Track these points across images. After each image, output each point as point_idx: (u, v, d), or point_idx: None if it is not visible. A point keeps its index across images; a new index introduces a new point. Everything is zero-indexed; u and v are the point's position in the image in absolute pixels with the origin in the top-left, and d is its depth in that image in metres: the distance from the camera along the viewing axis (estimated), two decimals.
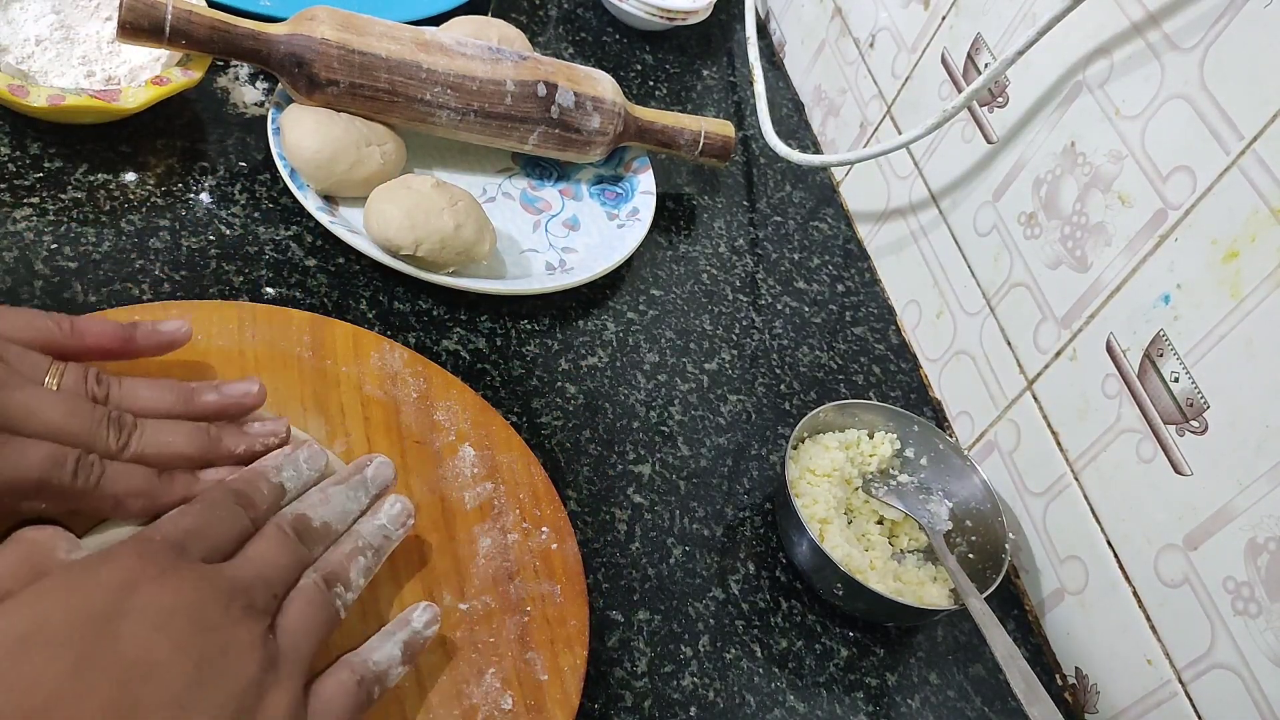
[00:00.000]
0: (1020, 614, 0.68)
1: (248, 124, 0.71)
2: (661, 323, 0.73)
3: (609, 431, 0.65)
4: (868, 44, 0.87)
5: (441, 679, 0.47)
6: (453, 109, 0.70)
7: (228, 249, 0.63)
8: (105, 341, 0.47)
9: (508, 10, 0.91)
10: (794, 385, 0.74)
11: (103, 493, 0.42)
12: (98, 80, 0.66)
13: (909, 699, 0.61)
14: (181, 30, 0.62)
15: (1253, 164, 0.54)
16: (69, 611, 0.36)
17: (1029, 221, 0.69)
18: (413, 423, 0.56)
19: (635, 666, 0.56)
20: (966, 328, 0.75)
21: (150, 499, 0.43)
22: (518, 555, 0.53)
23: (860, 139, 0.88)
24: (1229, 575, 0.54)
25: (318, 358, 0.57)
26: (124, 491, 0.42)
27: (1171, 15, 0.58)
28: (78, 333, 0.46)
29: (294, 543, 0.43)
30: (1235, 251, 0.55)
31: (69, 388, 0.43)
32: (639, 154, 0.81)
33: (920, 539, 0.66)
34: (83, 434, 0.42)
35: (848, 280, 0.83)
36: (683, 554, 0.62)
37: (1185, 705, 0.57)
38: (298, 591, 0.42)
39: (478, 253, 0.66)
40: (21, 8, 0.66)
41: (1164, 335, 0.58)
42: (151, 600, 0.37)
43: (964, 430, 0.75)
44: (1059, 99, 0.66)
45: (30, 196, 0.60)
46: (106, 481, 0.42)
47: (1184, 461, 0.57)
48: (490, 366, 0.65)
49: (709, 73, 0.96)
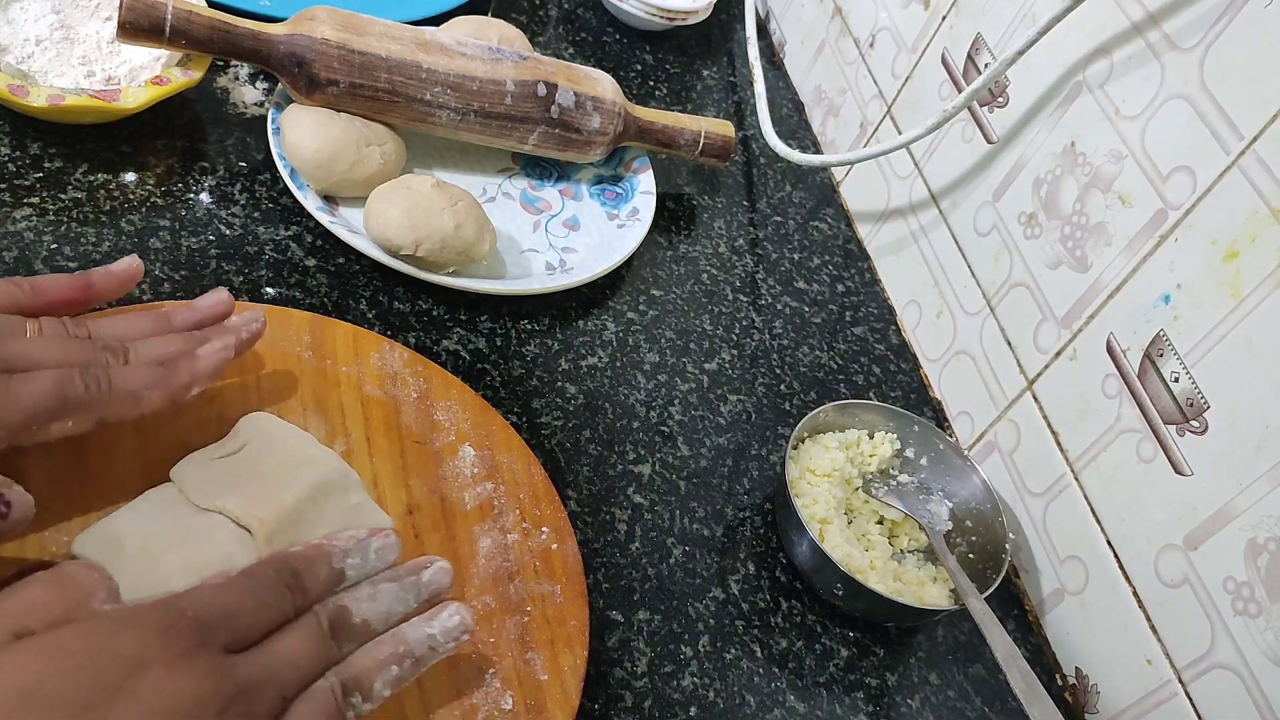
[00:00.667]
0: (1020, 614, 0.68)
1: (248, 124, 0.71)
2: (661, 323, 0.73)
3: (609, 431, 0.65)
4: (868, 44, 0.87)
5: (441, 679, 0.47)
6: (453, 109, 0.70)
7: (228, 249, 0.63)
8: (66, 293, 0.47)
9: (508, 10, 0.91)
10: (794, 385, 0.74)
11: (118, 393, 0.44)
12: (98, 80, 0.66)
13: (909, 699, 0.61)
14: (181, 30, 0.62)
15: (1253, 164, 0.54)
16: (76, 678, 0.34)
17: (1029, 221, 0.69)
18: (413, 423, 0.56)
19: (635, 666, 0.56)
20: (966, 328, 0.75)
21: (165, 388, 0.46)
22: (518, 555, 0.53)
23: (860, 139, 0.88)
24: (1229, 575, 0.54)
25: (318, 358, 0.57)
26: (138, 386, 0.44)
27: (1171, 15, 0.58)
28: (39, 290, 0.47)
29: (324, 640, 0.40)
30: (1235, 251, 0.55)
31: (52, 334, 0.45)
32: (639, 154, 0.81)
33: (920, 539, 0.66)
34: (81, 361, 0.44)
35: (848, 280, 0.83)
36: (683, 554, 0.62)
37: (1185, 705, 0.57)
38: (309, 695, 0.39)
39: (478, 253, 0.66)
40: (21, 8, 0.66)
41: (1164, 335, 0.58)
42: (154, 687, 0.35)
43: (964, 430, 0.75)
44: (1059, 99, 0.66)
45: (30, 196, 0.60)
46: (118, 383, 0.44)
47: (1184, 461, 0.57)
48: (490, 366, 0.65)
49: (709, 73, 0.96)
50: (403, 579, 0.44)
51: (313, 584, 0.41)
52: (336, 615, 0.41)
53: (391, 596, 0.43)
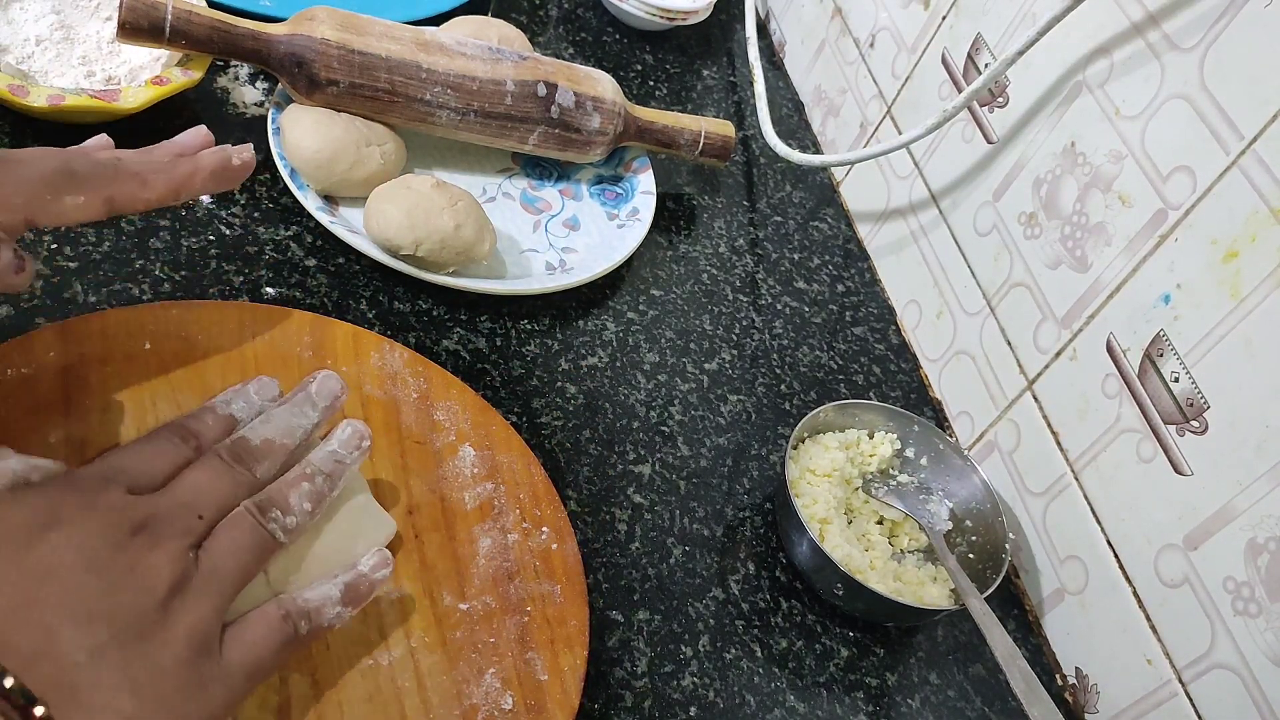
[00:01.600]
0: (1020, 614, 0.68)
1: (248, 124, 0.71)
2: (661, 323, 0.73)
3: (609, 431, 0.65)
4: (868, 44, 0.87)
5: (441, 679, 0.47)
6: (453, 109, 0.70)
7: (228, 249, 0.63)
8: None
9: (508, 10, 0.91)
10: (794, 385, 0.74)
11: (124, 172, 0.47)
12: (98, 80, 0.66)
13: (909, 699, 0.61)
14: (181, 30, 0.62)
15: (1253, 164, 0.54)
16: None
17: (1029, 221, 0.69)
18: (413, 423, 0.56)
19: (635, 666, 0.56)
20: (966, 328, 0.75)
21: (169, 174, 0.48)
22: (518, 555, 0.53)
23: (860, 139, 0.88)
24: (1229, 575, 0.54)
25: (318, 358, 0.57)
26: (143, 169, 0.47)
27: (1171, 15, 0.58)
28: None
29: (227, 468, 0.43)
30: (1235, 251, 0.55)
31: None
32: (639, 154, 0.81)
33: (920, 539, 0.66)
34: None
35: (848, 280, 0.83)
36: (683, 554, 0.62)
37: (1185, 705, 0.57)
38: (228, 518, 0.42)
39: (478, 253, 0.66)
40: (21, 8, 0.66)
41: (1164, 335, 0.58)
42: (69, 525, 0.38)
43: (964, 430, 0.75)
44: (1059, 99, 0.66)
45: None
46: (125, 163, 0.47)
47: (1184, 461, 0.57)
48: (490, 366, 0.65)
49: (709, 73, 0.96)
50: (292, 398, 0.47)
51: (203, 429, 0.45)
52: (235, 445, 0.44)
53: (286, 414, 0.46)
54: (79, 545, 0.37)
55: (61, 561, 0.37)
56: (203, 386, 0.53)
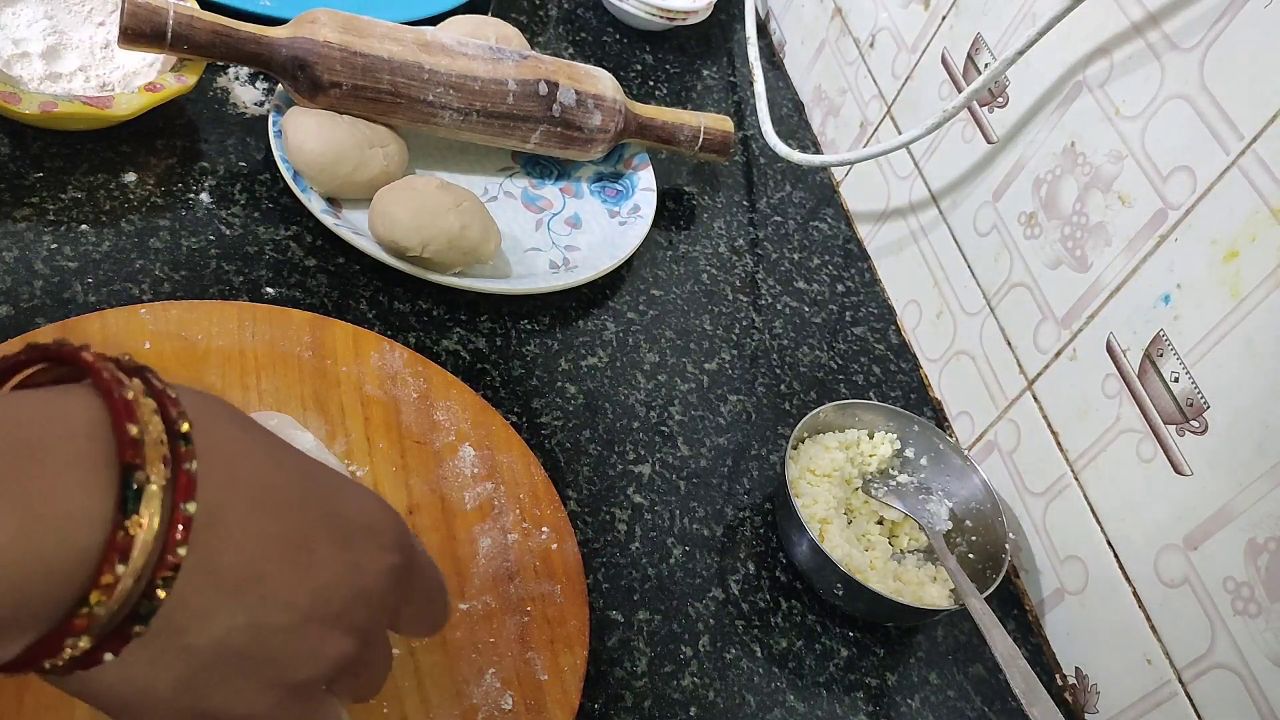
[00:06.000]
0: (1020, 614, 0.68)
1: (248, 124, 0.71)
2: (661, 323, 0.73)
3: (609, 431, 0.65)
4: (868, 44, 0.87)
5: (441, 679, 0.48)
6: (455, 109, 0.70)
7: (228, 249, 0.63)
8: None
9: (508, 10, 0.91)
10: (794, 385, 0.74)
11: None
12: (91, 86, 0.65)
13: (909, 699, 0.61)
14: (183, 36, 0.62)
15: (1253, 164, 0.54)
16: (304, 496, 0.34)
17: (1029, 221, 0.69)
18: (413, 423, 0.56)
19: (635, 666, 0.56)
20: (966, 328, 0.75)
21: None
22: (518, 555, 0.53)
23: (860, 139, 0.88)
24: (1229, 575, 0.54)
25: (318, 358, 0.57)
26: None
27: (1171, 15, 0.58)
28: None
29: None
30: (1235, 251, 0.55)
31: None
32: (638, 151, 0.81)
33: (920, 539, 0.66)
34: None
35: (848, 280, 0.83)
36: (683, 554, 0.62)
37: (1185, 705, 0.57)
38: None
39: (483, 253, 0.66)
40: (14, 13, 0.66)
41: (1164, 335, 0.58)
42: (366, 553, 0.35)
43: (964, 430, 0.75)
44: (1059, 99, 0.66)
45: (30, 196, 0.60)
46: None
47: (1184, 461, 0.57)
48: (490, 366, 0.65)
49: (709, 73, 0.96)
50: None
51: None
52: None
53: None
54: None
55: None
56: (203, 386, 0.52)
